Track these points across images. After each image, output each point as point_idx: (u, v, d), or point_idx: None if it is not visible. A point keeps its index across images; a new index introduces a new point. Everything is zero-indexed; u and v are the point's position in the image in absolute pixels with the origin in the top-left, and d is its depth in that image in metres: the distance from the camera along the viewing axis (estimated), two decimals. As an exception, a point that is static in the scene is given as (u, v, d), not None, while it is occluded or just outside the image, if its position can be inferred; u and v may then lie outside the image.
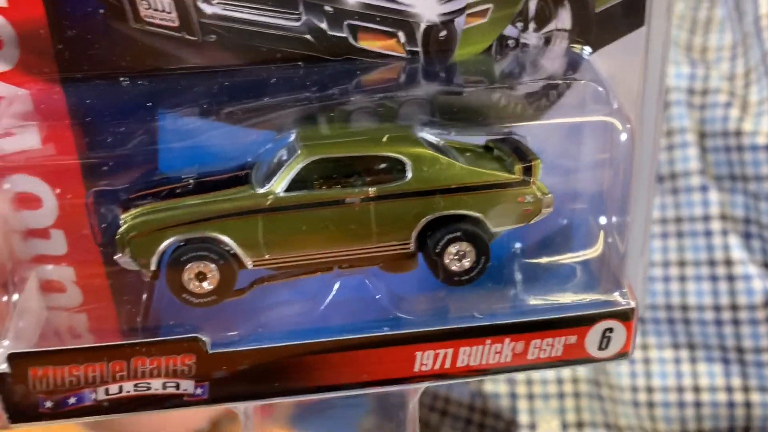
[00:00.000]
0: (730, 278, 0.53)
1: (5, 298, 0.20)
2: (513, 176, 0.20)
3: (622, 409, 0.55)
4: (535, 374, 0.55)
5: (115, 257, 0.20)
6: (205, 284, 0.19)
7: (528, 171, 0.20)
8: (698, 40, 0.54)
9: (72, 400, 0.19)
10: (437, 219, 0.19)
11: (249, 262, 0.19)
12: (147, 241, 0.19)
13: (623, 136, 0.20)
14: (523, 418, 0.56)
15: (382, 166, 0.19)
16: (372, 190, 0.19)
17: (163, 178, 0.21)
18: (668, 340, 0.54)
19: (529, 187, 0.20)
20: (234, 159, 0.22)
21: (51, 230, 0.23)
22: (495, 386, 0.60)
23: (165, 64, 0.22)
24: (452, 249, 0.20)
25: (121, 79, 0.22)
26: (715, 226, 0.53)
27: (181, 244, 0.19)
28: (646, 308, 0.54)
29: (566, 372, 0.55)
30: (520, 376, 0.55)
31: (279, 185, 0.19)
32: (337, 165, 0.19)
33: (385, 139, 0.19)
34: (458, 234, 0.19)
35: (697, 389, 0.53)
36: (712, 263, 0.53)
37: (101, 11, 0.21)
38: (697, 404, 0.53)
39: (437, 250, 0.20)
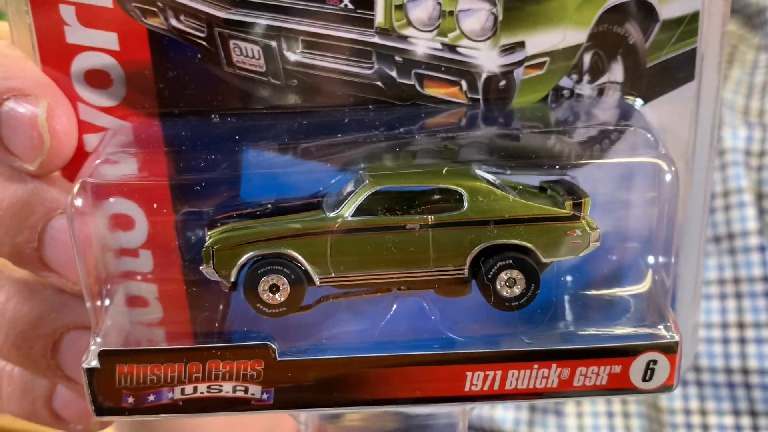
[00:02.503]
0: None
1: (99, 303, 0.23)
2: (563, 211, 0.21)
3: None
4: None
5: (200, 268, 0.22)
6: (277, 296, 0.21)
7: (578, 207, 0.21)
8: (755, 104, 0.55)
9: (151, 398, 0.21)
10: (490, 247, 0.21)
11: (317, 279, 0.21)
12: (229, 255, 0.21)
13: (668, 177, 0.21)
14: None
15: (441, 196, 0.21)
16: (431, 218, 0.21)
17: (245, 203, 0.23)
18: (728, 406, 0.52)
19: (579, 222, 0.21)
20: (307, 190, 0.24)
21: (140, 250, 0.26)
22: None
23: (251, 104, 0.25)
24: (504, 275, 0.21)
25: (213, 115, 0.25)
26: None
27: (259, 258, 0.21)
28: (705, 371, 0.53)
29: None
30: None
31: (347, 210, 0.21)
32: (400, 195, 0.21)
33: (444, 171, 0.21)
34: (509, 261, 0.21)
35: None
36: None
37: (199, 56, 0.24)
38: None
39: (489, 276, 0.21)
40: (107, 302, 0.23)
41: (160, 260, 0.25)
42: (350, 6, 0.24)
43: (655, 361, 0.21)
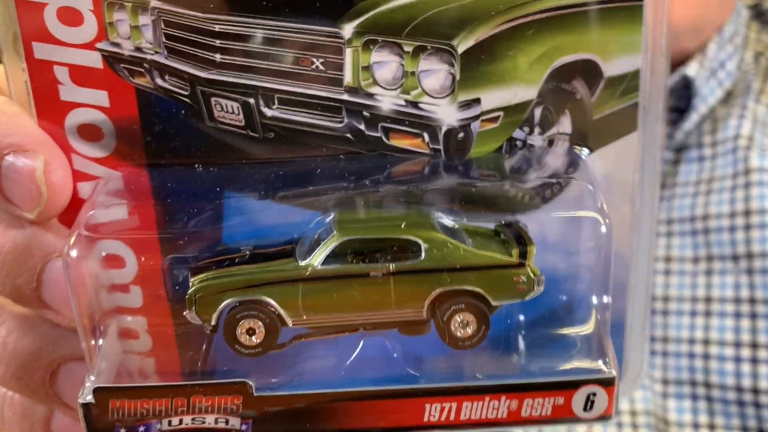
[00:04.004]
0: None
1: (93, 342, 0.25)
2: (511, 259, 0.24)
3: None
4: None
5: (184, 313, 0.24)
6: (253, 338, 0.23)
7: (524, 255, 0.24)
8: None
9: (141, 429, 0.23)
10: (445, 292, 0.23)
11: (289, 321, 0.23)
12: (210, 301, 0.23)
13: (603, 228, 0.23)
14: None
15: (402, 246, 0.23)
16: (392, 266, 0.23)
17: (225, 249, 0.25)
18: (737, 423, 0.54)
19: (524, 269, 0.24)
20: (284, 234, 0.26)
21: (131, 286, 0.28)
22: None
23: (232, 155, 0.27)
24: (457, 318, 0.23)
25: (196, 165, 0.27)
26: None
27: (236, 304, 0.23)
28: (715, 387, 0.55)
29: None
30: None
31: (317, 259, 0.23)
32: (365, 244, 0.23)
33: (403, 225, 0.23)
34: (462, 306, 0.23)
35: None
36: None
37: (183, 112, 0.26)
38: None
39: (444, 319, 0.23)
40: (100, 341, 0.25)
41: (149, 296, 0.27)
42: (321, 67, 0.26)
43: (594, 394, 0.23)
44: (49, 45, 0.26)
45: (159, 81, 0.26)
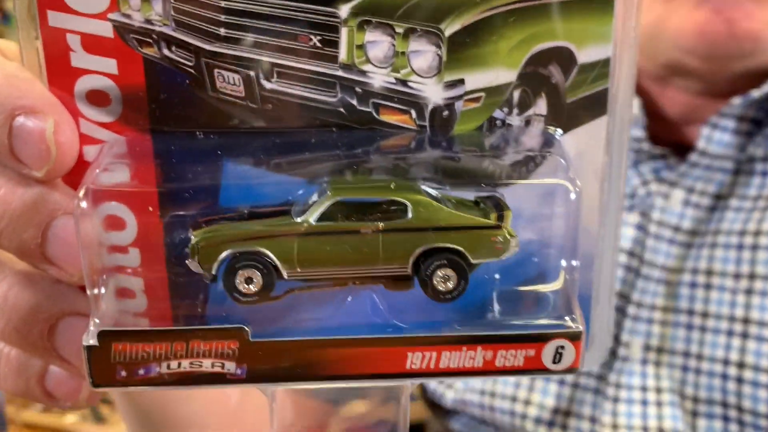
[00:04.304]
0: None
1: (96, 291, 0.27)
2: (489, 221, 0.26)
3: None
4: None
5: (186, 261, 0.26)
6: (251, 286, 0.25)
7: (501, 218, 0.26)
8: None
9: (141, 372, 0.25)
10: (429, 249, 0.25)
11: (285, 273, 0.25)
12: (211, 252, 0.25)
13: (572, 195, 0.26)
14: None
15: (390, 207, 0.25)
16: (381, 225, 0.25)
17: (224, 209, 0.27)
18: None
19: (501, 231, 0.26)
20: (278, 198, 0.28)
21: (129, 247, 0.29)
22: None
23: (231, 124, 0.29)
24: (439, 273, 0.25)
25: (197, 132, 0.29)
26: None
27: (236, 254, 0.25)
28: (747, 413, 0.55)
29: None
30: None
31: (312, 216, 0.25)
32: (357, 204, 0.25)
33: (392, 186, 0.25)
34: (444, 261, 0.25)
35: None
36: None
37: (187, 81, 0.28)
38: None
39: (428, 273, 0.25)
40: (103, 290, 0.27)
41: (147, 256, 0.29)
42: (318, 44, 0.28)
43: (563, 347, 0.25)
44: (63, 13, 0.27)
45: (166, 51, 0.28)
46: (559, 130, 0.29)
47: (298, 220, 0.25)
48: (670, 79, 0.62)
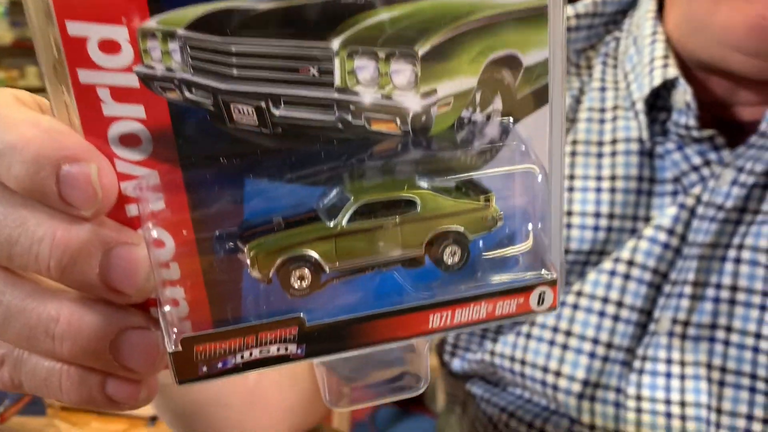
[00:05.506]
0: None
1: (167, 309, 0.31)
2: (479, 203, 0.33)
3: None
4: None
5: (248, 271, 0.31)
6: (303, 283, 0.31)
7: (487, 200, 0.33)
8: None
9: (219, 365, 0.30)
10: (438, 233, 0.32)
11: (327, 268, 0.31)
12: (268, 260, 0.30)
13: (540, 177, 0.33)
14: None
15: (403, 203, 0.32)
16: (398, 219, 0.31)
17: (258, 221, 0.32)
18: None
19: (489, 210, 0.33)
20: (295, 207, 0.34)
21: (170, 263, 0.34)
22: None
23: (248, 149, 0.34)
24: (448, 250, 0.32)
25: (221, 159, 0.33)
26: None
27: (289, 259, 0.31)
28: (731, 373, 0.57)
29: None
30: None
31: (343, 220, 0.31)
32: (375, 204, 0.31)
33: (406, 187, 0.31)
34: (450, 240, 0.32)
35: None
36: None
37: (207, 117, 0.33)
38: None
39: (439, 252, 0.32)
40: (168, 308, 0.32)
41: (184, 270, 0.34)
42: (316, 74, 0.33)
43: (544, 292, 0.33)
44: (92, 71, 0.31)
45: (187, 94, 0.32)
46: (512, 120, 0.36)
47: (331, 224, 0.31)
48: (714, 70, 0.60)
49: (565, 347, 0.63)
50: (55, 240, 0.31)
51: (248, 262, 0.30)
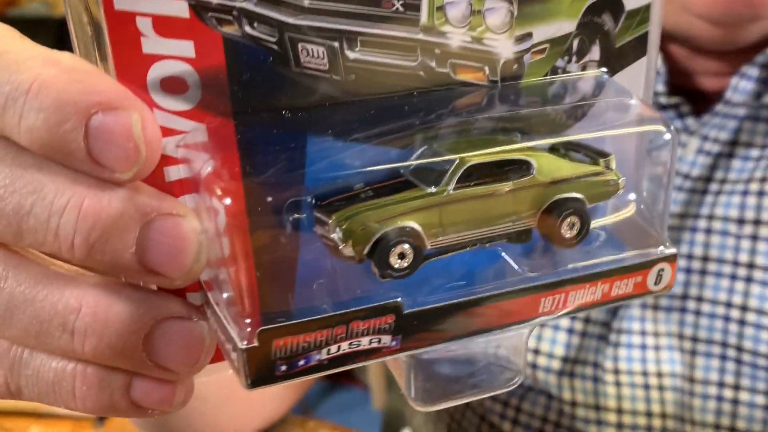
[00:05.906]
0: None
1: (225, 295, 0.25)
2: (600, 167, 0.28)
3: None
4: (626, 405, 0.60)
5: (340, 248, 0.25)
6: (404, 261, 0.25)
7: (608, 163, 0.28)
8: None
9: (301, 362, 0.24)
10: (557, 200, 0.27)
11: (428, 243, 0.26)
12: (363, 234, 0.25)
13: (667, 137, 0.29)
14: None
15: (516, 166, 0.26)
16: (511, 184, 0.26)
17: (334, 188, 0.27)
18: (763, 386, 0.57)
19: (611, 174, 0.28)
20: (366, 171, 0.28)
21: (220, 238, 0.28)
22: (585, 412, 0.63)
23: (316, 99, 0.28)
24: (567, 221, 0.27)
25: (283, 112, 0.27)
26: None
27: (388, 233, 0.25)
28: (746, 352, 0.56)
29: (655, 407, 0.60)
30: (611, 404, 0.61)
31: (449, 185, 0.26)
32: (485, 166, 0.26)
33: (516, 146, 0.26)
34: (571, 210, 0.27)
35: None
36: None
37: (270, 58, 0.27)
38: None
39: (557, 223, 0.27)
40: (225, 295, 0.25)
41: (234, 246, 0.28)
42: (401, 9, 0.28)
43: (663, 269, 0.28)
44: None
45: (247, 29, 0.26)
46: (608, 73, 0.32)
47: (434, 189, 0.26)
48: (676, 38, 0.59)
49: (542, 324, 0.61)
50: (81, 211, 0.24)
51: (338, 236, 0.24)
